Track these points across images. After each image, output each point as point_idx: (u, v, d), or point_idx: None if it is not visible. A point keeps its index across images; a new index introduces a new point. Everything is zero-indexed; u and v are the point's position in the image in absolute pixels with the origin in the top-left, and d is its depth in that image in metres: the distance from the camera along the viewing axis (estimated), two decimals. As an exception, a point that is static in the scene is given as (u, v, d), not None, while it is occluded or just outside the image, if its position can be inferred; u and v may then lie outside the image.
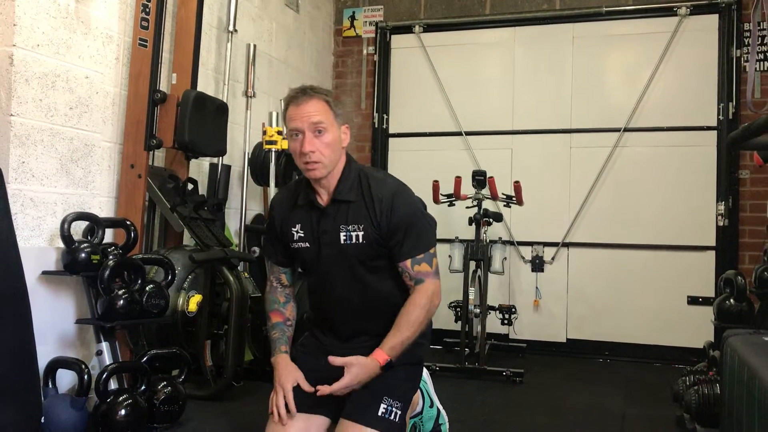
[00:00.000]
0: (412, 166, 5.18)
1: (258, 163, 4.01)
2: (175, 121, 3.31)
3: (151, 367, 2.78)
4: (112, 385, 2.64)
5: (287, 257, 2.41)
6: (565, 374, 4.19)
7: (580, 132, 4.95)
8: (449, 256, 4.34)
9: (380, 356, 2.13)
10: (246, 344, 3.57)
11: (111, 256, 2.76)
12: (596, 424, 3.01)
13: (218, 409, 3.01)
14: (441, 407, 2.60)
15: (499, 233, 4.83)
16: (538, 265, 4.95)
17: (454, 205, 4.41)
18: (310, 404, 2.26)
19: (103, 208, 3.17)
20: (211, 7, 3.94)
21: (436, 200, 4.34)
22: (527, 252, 5.00)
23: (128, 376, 2.82)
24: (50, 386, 2.61)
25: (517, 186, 4.31)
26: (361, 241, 2.23)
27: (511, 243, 4.98)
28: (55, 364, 2.65)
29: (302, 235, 2.31)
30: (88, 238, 2.84)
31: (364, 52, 5.45)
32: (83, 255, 2.70)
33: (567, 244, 4.94)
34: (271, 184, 3.91)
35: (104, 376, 2.57)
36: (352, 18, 5.50)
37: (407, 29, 5.38)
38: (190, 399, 2.91)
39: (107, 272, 2.67)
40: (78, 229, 2.85)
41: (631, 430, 2.95)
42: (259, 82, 4.33)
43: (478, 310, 4.11)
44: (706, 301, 4.51)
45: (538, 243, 4.98)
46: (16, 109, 2.65)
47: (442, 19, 5.30)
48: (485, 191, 4.30)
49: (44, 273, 2.75)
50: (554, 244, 4.95)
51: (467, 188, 4.33)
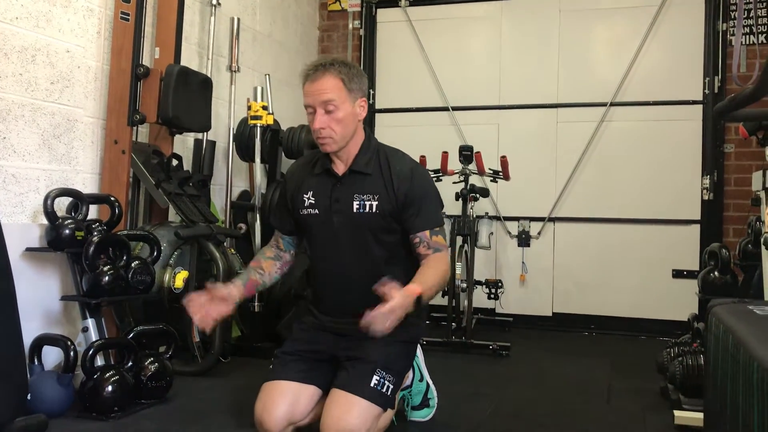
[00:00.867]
0: (398, 142, 5.04)
1: (243, 139, 3.97)
2: (158, 96, 3.27)
3: (137, 344, 2.78)
4: (99, 361, 2.63)
5: (290, 225, 2.46)
6: (551, 348, 4.23)
7: (566, 107, 4.94)
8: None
9: (414, 290, 2.06)
10: (233, 320, 3.57)
11: (95, 233, 2.74)
12: (582, 396, 3.04)
13: (205, 385, 3.01)
14: (431, 382, 2.62)
15: (486, 208, 4.84)
16: (524, 240, 4.97)
17: (441, 180, 4.39)
18: (303, 374, 2.29)
19: (87, 184, 3.14)
20: (194, -20, 3.88)
21: (423, 175, 4.33)
22: (514, 227, 5.01)
23: (115, 353, 2.81)
24: (36, 363, 2.60)
25: (504, 161, 4.31)
26: (375, 210, 2.27)
27: (498, 218, 4.99)
28: (41, 341, 2.63)
29: (312, 202, 2.35)
30: (72, 214, 2.81)
31: (350, 26, 5.40)
32: (67, 231, 2.68)
33: (553, 219, 4.95)
34: (257, 160, 3.88)
35: (91, 352, 2.56)
36: (338, -9, 5.45)
37: (393, 3, 5.32)
38: (177, 375, 2.90)
39: (92, 248, 2.65)
40: (61, 205, 2.82)
41: (617, 401, 2.98)
42: (244, 56, 4.28)
43: (465, 285, 4.13)
44: (690, 275, 4.55)
45: (525, 218, 4.99)
46: (-4, 83, 2.60)
47: (429, -7, 5.25)
48: (472, 166, 4.30)
49: (28, 250, 2.73)
50: (540, 219, 4.97)
51: (454, 163, 4.32)
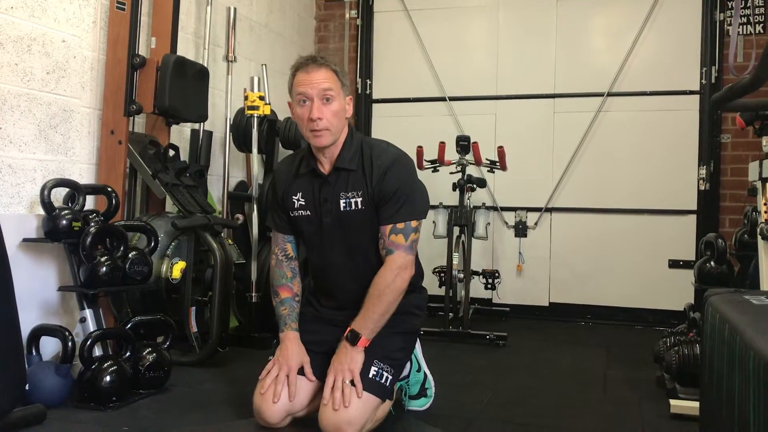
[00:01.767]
0: (395, 132, 5.14)
1: (240, 129, 3.96)
2: (155, 86, 3.26)
3: (135, 334, 2.78)
4: (97, 352, 2.64)
5: (291, 225, 2.43)
6: (548, 337, 4.24)
7: (563, 97, 4.94)
8: (433, 222, 4.35)
9: (362, 343, 2.20)
10: (231, 311, 3.57)
11: (93, 223, 2.74)
12: (579, 385, 3.06)
13: (203, 375, 3.02)
14: (428, 372, 2.63)
15: (483, 199, 4.84)
16: (521, 230, 4.97)
17: (438, 170, 4.40)
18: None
19: (84, 174, 3.13)
20: (190, -30, 3.86)
21: (420, 166, 4.33)
22: (510, 217, 5.02)
23: (113, 343, 2.81)
24: (34, 354, 2.60)
25: (501, 151, 4.31)
26: (360, 207, 2.26)
27: (495, 208, 5.00)
28: (39, 332, 2.64)
29: (303, 203, 2.34)
30: (69, 205, 2.81)
31: (347, 15, 5.38)
32: (64, 222, 2.67)
33: (550, 209, 4.96)
34: (254, 151, 3.87)
35: (89, 342, 2.57)
36: (334, -19, 5.42)
37: (390, -8, 5.31)
38: (175, 365, 2.90)
39: (89, 239, 2.65)
40: (58, 195, 2.82)
41: (613, 390, 2.99)
42: (240, 46, 4.27)
43: (462, 275, 4.13)
44: (687, 265, 4.56)
45: (522, 208, 5.00)
46: (-9, 73, 2.59)
47: (426, -18, 5.23)
48: (469, 157, 4.30)
49: (25, 240, 2.72)
50: (537, 210, 4.97)
51: (451, 154, 4.32)
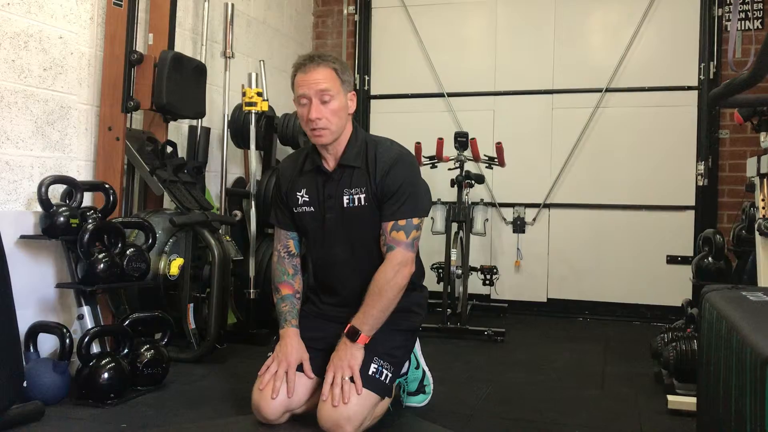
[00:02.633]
0: (394, 129, 5.13)
1: (238, 126, 3.95)
2: (152, 82, 3.26)
3: (133, 331, 2.78)
4: (95, 348, 2.64)
5: (294, 221, 2.42)
6: (546, 333, 4.24)
7: (561, 93, 4.93)
8: (431, 218, 4.34)
9: (362, 340, 2.20)
10: (229, 307, 3.57)
11: (90, 220, 2.73)
12: (577, 381, 3.06)
13: (201, 372, 3.02)
14: (427, 369, 2.64)
15: (481, 195, 4.84)
16: (519, 226, 4.97)
17: (437, 167, 4.40)
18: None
19: (81, 171, 3.13)
20: (187, -35, 3.85)
21: (418, 162, 4.32)
22: (509, 213, 5.02)
23: (111, 340, 2.81)
24: (32, 351, 2.61)
25: (499, 147, 4.31)
26: (363, 203, 2.27)
27: (493, 205, 5.00)
28: (36, 329, 2.64)
29: (307, 200, 2.35)
30: (67, 201, 2.80)
31: (345, 11, 5.37)
32: (62, 219, 2.67)
33: (548, 206, 4.96)
34: (252, 147, 3.87)
35: (86, 339, 2.57)
36: (332, -23, 5.41)
37: (388, -13, 5.30)
38: (173, 362, 2.91)
39: (87, 236, 2.64)
40: (56, 192, 2.82)
41: (611, 386, 3.00)
42: (238, 42, 4.26)
43: (460, 271, 4.14)
44: (684, 260, 4.57)
45: (520, 204, 5.00)
46: (-12, 69, 2.59)
47: (424, -22, 5.22)
48: (467, 153, 4.30)
49: (22, 237, 2.72)
50: (535, 206, 4.97)
51: (449, 150, 4.32)
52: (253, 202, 3.82)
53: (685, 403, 2.53)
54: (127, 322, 2.80)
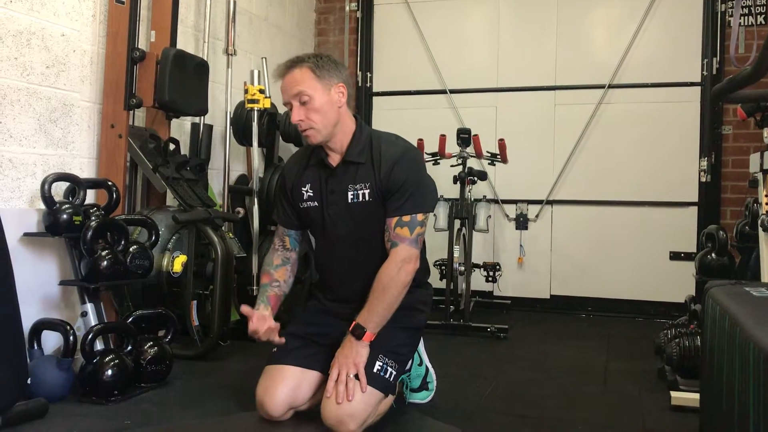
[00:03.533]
0: (396, 125, 5.10)
1: (240, 123, 3.95)
2: (154, 79, 3.25)
3: (137, 328, 2.78)
4: (98, 345, 2.64)
5: (295, 219, 2.43)
6: (549, 330, 4.24)
7: (564, 89, 4.92)
8: (434, 215, 4.34)
9: (367, 338, 2.19)
10: (232, 304, 3.57)
11: (93, 217, 2.73)
12: (579, 378, 3.06)
13: (205, 369, 3.02)
14: (430, 366, 2.64)
15: (484, 191, 4.84)
16: (522, 222, 4.97)
17: (439, 163, 4.40)
18: (305, 359, 2.30)
19: (84, 168, 3.13)
20: (189, -37, 3.85)
21: (421, 159, 4.32)
22: (511, 210, 5.01)
23: (114, 337, 2.82)
24: (36, 348, 2.61)
25: (502, 144, 4.30)
26: (368, 199, 2.26)
27: (496, 201, 4.99)
28: (40, 326, 2.64)
29: (311, 195, 2.35)
30: (70, 199, 2.81)
31: (347, 8, 5.36)
32: (65, 216, 2.67)
33: (551, 202, 4.96)
34: (254, 144, 3.87)
35: (90, 336, 2.57)
36: (334, -26, 5.40)
37: (390, -16, 5.29)
38: (176, 359, 2.91)
39: (90, 233, 2.65)
40: (59, 190, 2.82)
41: (614, 382, 3.00)
42: (240, 39, 4.26)
43: (463, 268, 4.14)
44: (688, 257, 4.56)
45: (523, 201, 4.99)
46: (-9, 67, 2.59)
47: (426, -25, 5.21)
48: (470, 149, 4.29)
49: (26, 235, 2.72)
50: (538, 202, 4.97)
51: (452, 147, 4.32)
52: (256, 200, 3.82)
53: (689, 399, 2.53)
54: (131, 319, 2.81)
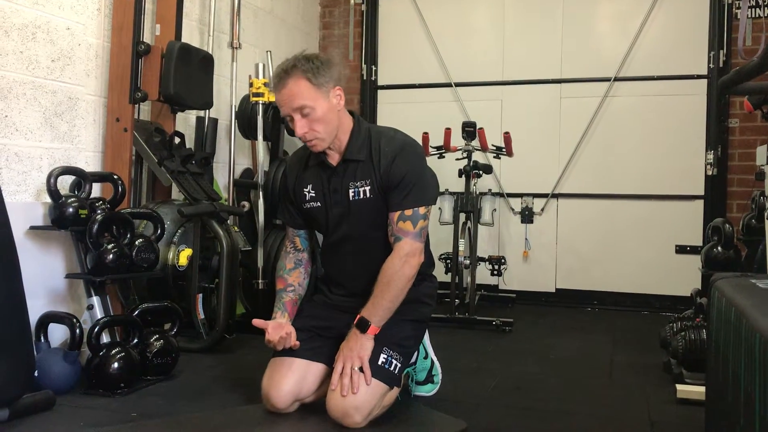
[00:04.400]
0: (401, 119, 5.13)
1: (245, 116, 3.95)
2: (160, 73, 3.26)
3: (142, 321, 2.79)
4: (105, 338, 2.65)
5: (300, 219, 2.43)
6: (554, 323, 4.24)
7: (570, 82, 4.91)
8: (439, 209, 4.34)
9: (372, 331, 2.19)
10: (237, 297, 3.58)
11: (99, 211, 2.74)
12: (585, 371, 3.06)
13: (210, 362, 3.03)
14: (435, 359, 2.64)
15: (489, 185, 4.83)
16: (527, 216, 4.96)
17: (444, 157, 4.39)
18: (311, 351, 2.31)
19: (90, 162, 3.13)
20: (194, -44, 3.84)
21: (426, 152, 4.32)
22: (517, 203, 5.01)
23: (120, 330, 2.83)
24: (42, 341, 2.62)
25: (507, 137, 4.29)
26: (369, 195, 2.26)
27: (501, 195, 4.99)
28: (47, 319, 2.65)
29: (313, 195, 2.35)
30: (75, 192, 2.81)
31: (352, 1, 5.34)
32: (71, 210, 2.68)
33: (556, 195, 4.95)
34: (259, 138, 3.87)
35: (96, 329, 2.59)
36: (339, -34, 5.39)
37: (395, -23, 5.27)
38: (182, 352, 2.92)
39: (96, 227, 2.65)
40: (65, 183, 2.83)
41: (619, 375, 2.99)
42: (245, 33, 4.25)
43: (468, 262, 4.13)
44: (694, 250, 4.55)
45: (528, 194, 4.98)
46: (-3, 61, 2.59)
47: (431, -33, 5.19)
48: (475, 143, 4.28)
49: (32, 228, 2.73)
50: (543, 196, 4.96)
51: (457, 140, 4.31)
52: (261, 193, 3.83)
53: (694, 392, 2.52)
54: (137, 313, 2.82)
